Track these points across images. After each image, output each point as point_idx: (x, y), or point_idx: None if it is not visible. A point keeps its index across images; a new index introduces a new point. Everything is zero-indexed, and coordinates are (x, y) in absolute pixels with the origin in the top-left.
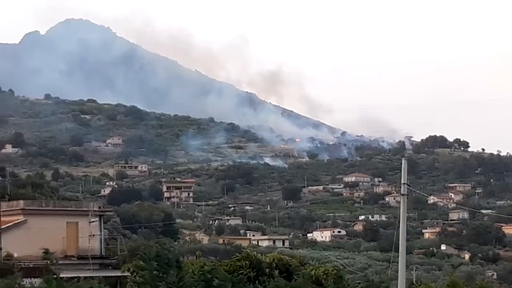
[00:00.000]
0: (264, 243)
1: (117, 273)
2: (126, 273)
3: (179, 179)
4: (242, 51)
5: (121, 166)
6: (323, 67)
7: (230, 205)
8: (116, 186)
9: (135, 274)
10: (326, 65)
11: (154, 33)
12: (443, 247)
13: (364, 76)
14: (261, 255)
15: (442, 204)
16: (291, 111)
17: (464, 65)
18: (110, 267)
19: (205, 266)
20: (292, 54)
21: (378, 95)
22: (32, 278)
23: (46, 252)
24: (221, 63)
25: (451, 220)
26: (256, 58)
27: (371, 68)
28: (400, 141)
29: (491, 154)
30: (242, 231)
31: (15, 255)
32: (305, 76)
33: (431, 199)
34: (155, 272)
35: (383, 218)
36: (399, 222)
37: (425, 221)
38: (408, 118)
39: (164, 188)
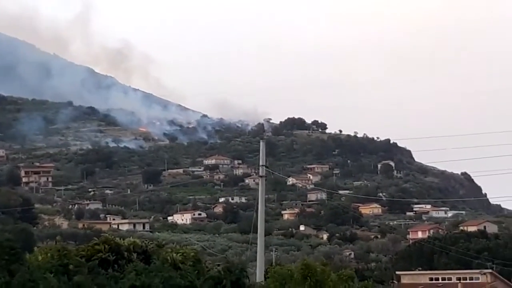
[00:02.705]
0: (125, 227)
1: None
2: None
3: (37, 164)
4: (91, 30)
5: None
6: (177, 50)
7: (89, 189)
8: None
9: None
10: (180, 48)
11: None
12: (302, 227)
13: (219, 59)
14: (121, 239)
15: (300, 185)
16: (150, 94)
17: (322, 48)
18: None
19: (62, 251)
20: (143, 35)
21: (235, 78)
22: None
23: None
24: (70, 42)
25: (309, 201)
26: (104, 37)
27: (226, 50)
28: (259, 123)
29: (348, 135)
30: (102, 215)
31: None
32: (158, 60)
33: (290, 181)
34: (4, 260)
35: (243, 200)
36: (257, 203)
37: (284, 202)
38: (267, 101)
39: (22, 173)
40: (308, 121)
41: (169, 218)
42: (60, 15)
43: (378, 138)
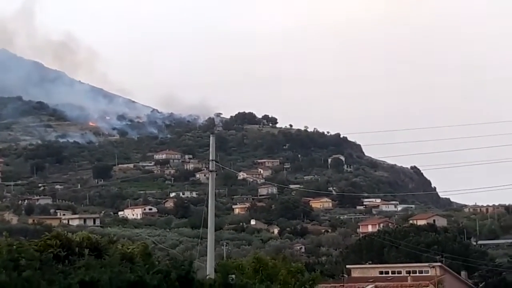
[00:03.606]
0: (75, 222)
1: None
2: None
3: None
4: (36, 23)
5: None
6: (122, 44)
7: (39, 185)
8: None
9: None
10: (125, 42)
11: None
12: (252, 222)
13: (166, 53)
14: (72, 234)
15: (251, 179)
16: (100, 88)
17: (272, 42)
18: None
19: (13, 246)
20: (87, 29)
21: (185, 73)
22: None
23: None
24: (15, 35)
25: (260, 195)
26: (49, 30)
27: (174, 44)
28: (209, 118)
29: (299, 130)
30: (52, 210)
31: None
32: (102, 54)
33: (241, 175)
34: None
35: (194, 194)
36: (208, 198)
37: (235, 196)
38: (217, 96)
39: None
40: (259, 115)
41: (119, 213)
42: (4, 7)
43: (328, 132)
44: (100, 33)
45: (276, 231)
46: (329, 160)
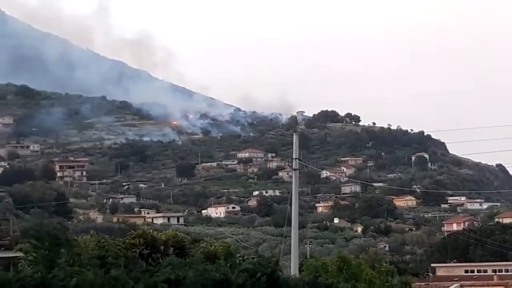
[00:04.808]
0: (159, 221)
1: (10, 254)
2: (19, 254)
3: (72, 158)
4: (116, 22)
5: (13, 146)
6: (201, 43)
7: (124, 183)
8: (7, 166)
9: (28, 254)
10: (204, 41)
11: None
12: (336, 220)
13: (246, 52)
14: (155, 232)
15: (334, 178)
16: (183, 87)
17: (356, 40)
18: (2, 248)
19: (101, 244)
20: (164, 28)
21: (267, 71)
22: None
23: None
24: (97, 35)
25: (343, 194)
26: (128, 30)
27: (255, 44)
28: (292, 116)
29: (382, 128)
30: (136, 209)
31: None
32: (181, 53)
33: (324, 173)
34: (46, 251)
35: (277, 193)
36: (291, 196)
37: (318, 195)
38: (300, 94)
39: (57, 168)
40: (342, 113)
41: (203, 211)
42: (82, 5)
43: (411, 130)
44: (174, 32)
45: (359, 229)
46: (413, 158)
